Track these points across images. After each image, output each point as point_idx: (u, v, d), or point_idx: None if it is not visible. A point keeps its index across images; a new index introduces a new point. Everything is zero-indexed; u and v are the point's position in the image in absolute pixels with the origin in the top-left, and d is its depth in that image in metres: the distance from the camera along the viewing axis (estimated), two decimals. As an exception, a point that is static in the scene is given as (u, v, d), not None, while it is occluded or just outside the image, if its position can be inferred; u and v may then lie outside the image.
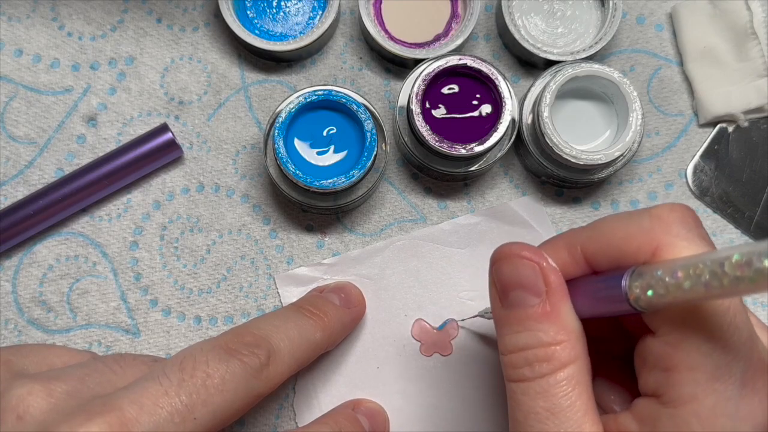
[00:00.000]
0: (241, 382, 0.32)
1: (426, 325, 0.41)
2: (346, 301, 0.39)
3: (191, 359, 0.32)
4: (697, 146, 0.43)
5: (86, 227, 0.41)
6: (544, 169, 0.40)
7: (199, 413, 0.31)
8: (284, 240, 0.42)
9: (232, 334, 0.34)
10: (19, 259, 0.41)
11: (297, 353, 0.35)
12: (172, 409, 0.30)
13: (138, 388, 0.30)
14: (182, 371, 0.31)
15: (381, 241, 0.41)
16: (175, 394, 0.30)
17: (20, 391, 0.30)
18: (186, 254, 0.41)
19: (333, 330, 0.38)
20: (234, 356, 0.32)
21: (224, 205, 0.42)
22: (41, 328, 0.40)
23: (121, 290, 0.41)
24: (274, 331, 0.34)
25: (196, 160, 0.42)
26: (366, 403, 0.39)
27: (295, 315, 0.36)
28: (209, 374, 0.31)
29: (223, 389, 0.31)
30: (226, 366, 0.32)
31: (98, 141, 0.42)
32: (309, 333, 0.36)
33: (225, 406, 0.31)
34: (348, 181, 0.38)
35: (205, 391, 0.31)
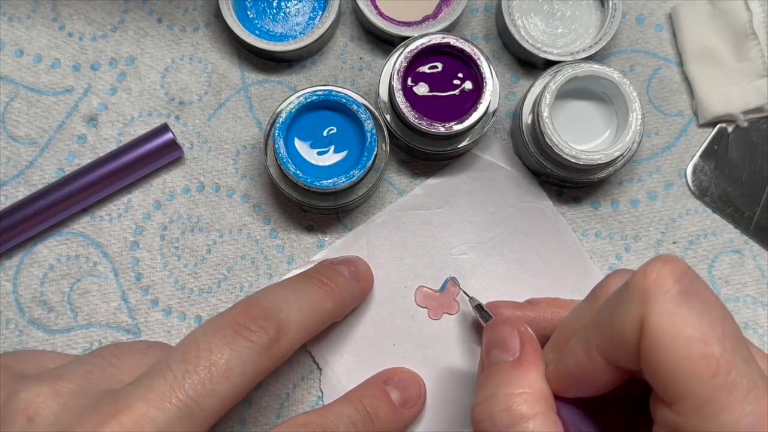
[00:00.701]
0: (249, 363, 0.32)
1: (427, 291, 0.41)
2: (355, 274, 0.39)
3: (194, 347, 0.31)
4: (697, 146, 0.43)
5: (87, 227, 0.41)
6: (544, 169, 0.40)
7: (206, 404, 0.30)
8: (284, 240, 0.42)
9: (241, 306, 0.33)
10: (20, 259, 0.41)
11: (307, 324, 0.35)
12: (180, 404, 0.30)
13: (145, 384, 0.30)
14: (186, 362, 0.31)
15: (361, 224, 0.41)
16: (180, 387, 0.30)
17: (28, 393, 0.30)
18: (186, 254, 0.41)
19: (343, 300, 0.38)
20: (241, 334, 0.32)
21: (225, 205, 0.42)
22: (42, 328, 0.40)
23: (122, 290, 0.41)
24: (284, 303, 0.34)
25: (197, 160, 0.42)
26: (399, 373, 0.40)
27: (305, 284, 0.36)
28: (213, 362, 0.31)
29: (229, 375, 0.31)
30: (230, 349, 0.31)
31: (99, 141, 0.42)
32: (319, 303, 0.36)
33: (232, 391, 0.31)
34: (348, 181, 0.38)
35: (210, 380, 0.31)
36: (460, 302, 0.41)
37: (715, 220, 0.42)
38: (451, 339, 0.41)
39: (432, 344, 0.41)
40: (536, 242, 0.41)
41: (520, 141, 0.41)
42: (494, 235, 0.42)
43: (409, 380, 0.40)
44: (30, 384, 0.31)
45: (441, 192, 0.42)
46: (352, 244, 0.41)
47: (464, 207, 0.42)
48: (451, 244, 0.42)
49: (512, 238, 0.41)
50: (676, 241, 0.42)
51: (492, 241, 0.41)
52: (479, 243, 0.41)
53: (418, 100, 0.39)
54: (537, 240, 0.41)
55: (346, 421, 0.36)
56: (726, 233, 0.42)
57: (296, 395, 0.40)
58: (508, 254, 0.41)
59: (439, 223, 0.42)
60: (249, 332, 0.32)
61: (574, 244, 0.41)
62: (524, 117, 0.40)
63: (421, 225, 0.42)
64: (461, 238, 0.42)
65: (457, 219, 0.42)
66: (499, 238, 0.41)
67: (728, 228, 0.42)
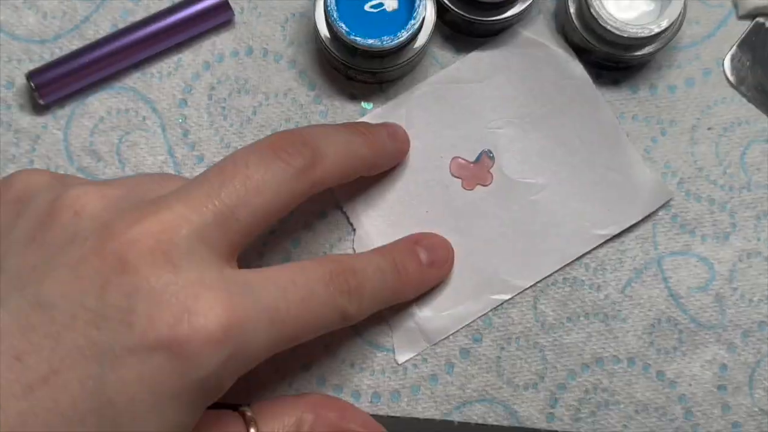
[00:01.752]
0: (283, 183, 0.33)
1: (462, 161, 0.42)
2: (392, 135, 0.40)
3: (232, 162, 0.33)
4: (736, 37, 0.44)
5: (137, 83, 0.42)
6: (587, 45, 0.41)
7: (241, 214, 0.32)
8: (328, 107, 0.43)
9: (280, 133, 0.35)
10: (72, 109, 0.42)
11: (343, 162, 0.36)
12: (216, 210, 0.31)
13: (184, 190, 0.32)
14: (222, 173, 0.32)
15: (400, 95, 0.42)
16: (216, 195, 0.31)
17: (76, 191, 0.32)
18: (233, 114, 0.42)
19: (379, 152, 0.39)
20: (278, 156, 0.33)
21: (271, 70, 0.43)
22: (90, 176, 0.42)
23: (169, 145, 0.42)
24: (323, 137, 0.35)
25: (246, 24, 0.43)
26: (430, 237, 0.41)
27: (344, 128, 0.38)
28: (249, 176, 0.32)
29: (263, 190, 0.32)
30: (266, 167, 0.33)
31: (153, 1, 0.43)
32: (356, 146, 0.37)
33: (266, 207, 0.32)
34: (395, 41, 0.39)
35: (245, 192, 0.32)
36: (494, 174, 0.42)
37: (750, 109, 0.43)
38: (482, 209, 0.42)
39: (463, 213, 0.42)
40: (574, 119, 0.42)
41: (565, 17, 0.42)
42: (532, 110, 0.42)
43: (438, 243, 0.41)
44: (77, 185, 0.32)
45: (481, 66, 0.43)
46: (391, 114, 0.42)
47: (504, 82, 0.43)
48: (488, 117, 0.42)
49: (550, 115, 0.42)
50: (711, 127, 0.43)
51: (530, 117, 0.42)
52: (517, 118, 0.42)
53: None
54: (575, 117, 0.42)
55: (375, 267, 0.37)
56: (760, 123, 0.43)
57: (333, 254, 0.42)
58: (545, 130, 0.42)
59: (478, 97, 0.43)
60: (287, 155, 0.33)
61: (611, 122, 0.42)
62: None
63: (459, 98, 0.43)
64: (499, 112, 0.42)
65: (496, 94, 0.43)
66: (537, 114, 0.42)
67: (762, 118, 0.43)
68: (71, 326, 0.29)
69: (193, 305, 0.29)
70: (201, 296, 0.30)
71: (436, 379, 0.41)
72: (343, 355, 0.41)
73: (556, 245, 0.41)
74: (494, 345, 0.41)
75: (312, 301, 0.33)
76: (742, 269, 0.42)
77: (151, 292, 0.29)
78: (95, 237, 0.30)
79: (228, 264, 0.32)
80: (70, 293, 0.29)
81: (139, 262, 0.29)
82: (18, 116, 0.42)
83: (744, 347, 0.41)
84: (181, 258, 0.30)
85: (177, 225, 0.30)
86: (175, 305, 0.29)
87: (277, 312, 0.32)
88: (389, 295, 0.38)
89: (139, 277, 0.29)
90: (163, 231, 0.30)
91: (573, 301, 0.42)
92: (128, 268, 0.29)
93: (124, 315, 0.29)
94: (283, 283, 0.32)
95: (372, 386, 0.41)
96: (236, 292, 0.31)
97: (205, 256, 0.31)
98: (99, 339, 0.29)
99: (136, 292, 0.29)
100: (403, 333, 0.41)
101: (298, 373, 0.41)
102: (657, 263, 0.42)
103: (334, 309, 0.34)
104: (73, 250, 0.30)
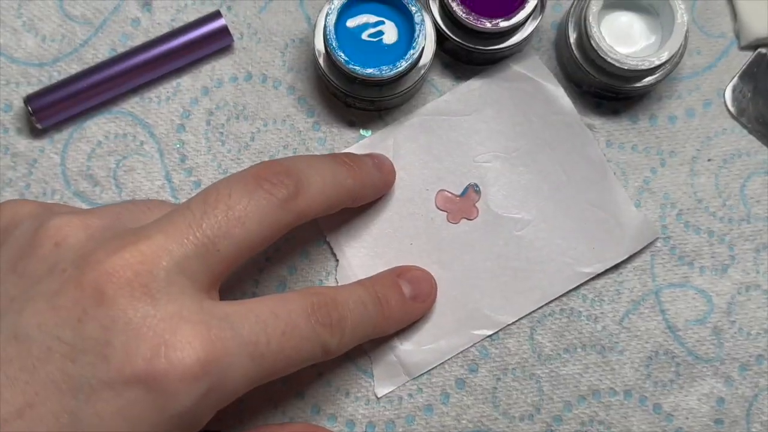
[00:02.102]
0: (266, 214, 0.33)
1: (448, 194, 0.42)
2: (378, 166, 0.40)
3: (215, 192, 0.33)
4: (737, 68, 0.43)
5: (136, 107, 0.42)
6: (587, 76, 0.41)
7: (222, 245, 0.32)
8: (326, 133, 0.43)
9: (264, 163, 0.34)
10: (70, 133, 0.42)
11: (328, 192, 0.35)
12: (197, 241, 0.31)
13: (165, 220, 0.32)
14: (205, 203, 0.32)
15: (387, 126, 0.42)
16: (198, 226, 0.31)
17: (58, 221, 0.32)
18: (231, 140, 0.42)
19: (364, 182, 0.38)
20: (260, 186, 0.33)
21: (270, 96, 0.43)
22: (87, 201, 0.42)
23: (166, 170, 0.42)
24: (307, 167, 0.35)
25: (246, 50, 0.43)
26: (412, 270, 0.40)
27: (330, 159, 0.37)
28: (231, 206, 0.32)
29: (245, 221, 0.32)
30: (249, 198, 0.32)
31: (152, 25, 0.43)
32: (341, 176, 0.37)
33: (248, 238, 0.32)
34: (394, 70, 0.39)
35: (226, 223, 0.32)
36: (480, 208, 0.42)
37: (751, 141, 0.43)
38: (467, 243, 0.41)
39: (448, 247, 0.41)
40: (561, 155, 0.42)
41: (565, 48, 0.41)
42: (519, 145, 0.42)
43: (421, 277, 0.40)
44: (61, 214, 0.32)
45: (470, 99, 0.43)
46: (379, 144, 0.42)
47: (492, 116, 0.42)
48: (475, 151, 0.42)
49: (537, 150, 0.42)
50: (710, 158, 0.43)
51: (517, 152, 0.42)
52: (504, 152, 0.42)
53: (468, -5, 0.40)
54: (562, 153, 0.42)
55: (357, 300, 0.36)
56: (760, 154, 0.43)
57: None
58: (533, 165, 0.42)
59: (466, 130, 0.42)
60: (270, 185, 0.33)
61: (599, 159, 0.42)
62: (570, 24, 0.41)
63: (447, 130, 0.42)
64: (486, 146, 0.42)
65: (484, 127, 0.42)
66: (524, 149, 0.42)
67: (763, 150, 0.43)
68: (47, 359, 0.29)
69: (170, 338, 0.29)
70: (179, 329, 0.29)
71: (432, 409, 0.41)
72: (337, 384, 0.41)
73: (540, 282, 0.41)
74: (490, 375, 0.41)
75: (293, 334, 0.33)
76: (741, 302, 0.42)
77: (128, 325, 0.29)
78: (74, 267, 0.30)
79: (208, 295, 0.32)
80: (47, 325, 0.29)
81: (116, 293, 0.29)
82: (15, 140, 0.42)
83: (741, 381, 0.41)
84: (159, 290, 0.30)
85: (156, 256, 0.30)
86: (153, 338, 0.29)
87: (256, 346, 0.31)
88: (371, 328, 0.37)
89: (116, 310, 0.29)
90: (142, 262, 0.30)
91: (570, 332, 0.41)
92: (106, 299, 0.29)
93: (101, 348, 0.29)
94: (264, 316, 0.32)
95: (367, 416, 0.41)
96: (215, 325, 0.30)
97: (185, 287, 0.31)
98: (75, 372, 0.29)
99: (113, 324, 0.29)
100: (384, 366, 0.41)
101: (292, 401, 0.41)
102: (655, 295, 0.42)
103: (315, 342, 0.34)
104: (51, 280, 0.30)
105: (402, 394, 0.41)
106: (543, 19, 0.41)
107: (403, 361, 0.41)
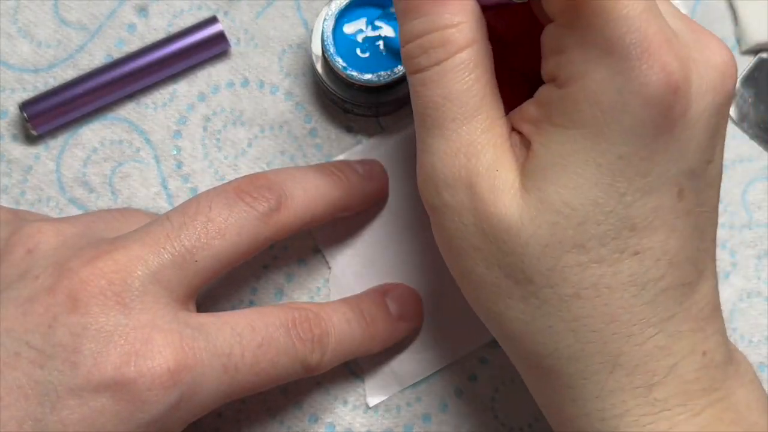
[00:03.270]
0: (246, 226, 0.32)
1: None
2: (368, 173, 0.39)
3: (195, 204, 0.32)
4: (738, 73, 0.43)
5: (132, 113, 0.42)
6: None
7: (200, 256, 0.31)
8: (324, 139, 0.42)
9: (246, 177, 0.34)
10: (65, 139, 0.42)
11: (312, 205, 0.35)
12: (175, 251, 0.31)
13: (143, 230, 0.32)
14: (184, 215, 0.32)
15: (376, 136, 0.42)
16: (176, 236, 0.31)
17: (30, 229, 0.32)
18: (228, 146, 0.42)
19: (352, 194, 0.38)
20: (241, 199, 0.33)
21: (267, 102, 0.42)
22: (82, 208, 0.41)
23: (162, 177, 0.42)
24: (290, 180, 0.35)
25: (243, 55, 0.43)
26: (399, 288, 0.40)
27: (315, 171, 0.37)
28: (211, 218, 0.32)
29: (225, 234, 0.32)
30: (229, 211, 0.32)
31: (148, 31, 0.42)
32: (326, 188, 0.36)
33: (227, 250, 0.32)
34: (391, 76, 0.38)
35: (206, 235, 0.31)
36: None
37: (752, 146, 0.43)
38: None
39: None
40: None
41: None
42: None
43: (408, 295, 0.40)
44: (32, 222, 0.32)
45: None
46: (371, 152, 0.42)
47: None
48: None
49: None
50: (711, 164, 0.42)
51: None
52: None
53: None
54: None
55: (341, 317, 0.36)
56: (762, 160, 0.42)
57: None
58: None
59: None
60: (251, 199, 0.33)
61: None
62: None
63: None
64: None
65: None
66: None
67: (764, 156, 0.43)
68: (14, 364, 0.28)
69: (141, 348, 0.29)
70: (151, 339, 0.29)
71: (430, 418, 0.40)
72: (335, 392, 0.40)
73: None
74: (489, 385, 0.41)
75: (270, 347, 0.32)
76: (742, 309, 0.41)
77: (99, 333, 0.29)
78: (47, 275, 0.30)
79: (184, 306, 0.31)
80: (16, 330, 0.29)
81: (90, 301, 0.29)
82: (10, 146, 0.41)
83: (744, 389, 0.41)
84: (133, 299, 0.30)
85: (132, 265, 0.30)
86: (123, 346, 0.29)
87: (230, 357, 0.31)
88: (356, 347, 0.36)
89: (88, 317, 0.29)
90: (116, 271, 0.30)
91: (570, 340, 0.41)
92: (78, 307, 0.29)
93: (69, 354, 0.28)
94: (240, 328, 0.32)
95: (365, 424, 0.40)
96: (188, 335, 0.30)
97: (160, 297, 0.30)
98: (42, 378, 0.28)
99: (84, 331, 0.29)
100: (376, 375, 0.40)
101: (289, 409, 0.40)
102: (656, 302, 0.41)
103: (294, 358, 0.33)
104: (22, 286, 0.30)
105: (400, 403, 0.40)
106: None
107: (395, 369, 0.40)
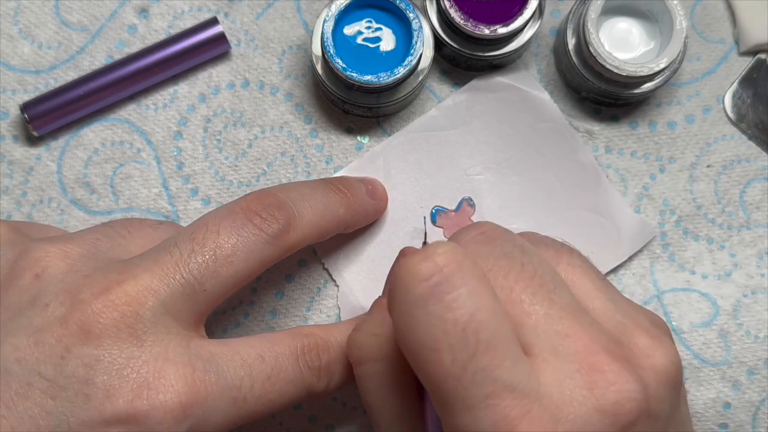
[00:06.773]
0: (254, 251, 0.32)
1: (443, 210, 0.42)
2: (371, 192, 0.40)
3: (204, 228, 0.32)
4: (737, 74, 0.43)
5: (133, 114, 0.42)
6: (585, 83, 0.41)
7: (208, 285, 0.31)
8: (324, 140, 0.42)
9: (256, 194, 0.34)
10: (66, 141, 0.42)
11: (319, 223, 0.35)
12: (184, 281, 0.31)
13: (152, 257, 0.31)
14: (193, 241, 0.32)
15: (377, 145, 0.42)
16: (185, 265, 0.31)
17: (37, 252, 0.31)
18: (228, 147, 0.42)
19: (357, 211, 0.38)
20: (251, 221, 0.32)
21: (268, 102, 0.42)
22: (83, 209, 0.41)
23: (164, 177, 0.42)
24: (299, 198, 0.35)
25: (243, 57, 0.43)
26: None
27: (322, 187, 0.37)
28: (219, 245, 0.32)
29: (233, 260, 0.32)
30: (238, 235, 0.32)
31: (149, 32, 0.43)
32: (334, 206, 0.36)
33: (236, 276, 0.32)
34: (392, 77, 0.39)
35: (214, 263, 0.31)
36: (475, 221, 0.41)
37: (750, 147, 0.43)
38: None
39: None
40: (552, 162, 0.42)
41: (563, 54, 0.41)
42: (510, 155, 0.42)
43: None
44: (39, 244, 0.32)
45: (457, 113, 0.42)
46: (368, 165, 0.42)
47: (480, 128, 0.42)
48: (466, 164, 0.42)
49: (528, 159, 0.42)
50: (710, 164, 0.43)
51: (507, 162, 0.42)
52: (495, 163, 0.42)
53: (465, 2, 0.39)
54: (553, 159, 0.42)
55: None
56: (760, 160, 0.43)
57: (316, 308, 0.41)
58: (524, 174, 0.42)
59: (455, 144, 0.42)
60: (260, 220, 0.33)
61: (591, 164, 0.42)
62: (569, 30, 0.41)
63: (436, 146, 0.42)
64: (477, 158, 0.42)
65: (472, 140, 0.42)
66: (514, 159, 0.42)
67: (762, 156, 0.43)
68: (26, 394, 0.28)
69: (154, 381, 0.29)
70: (163, 372, 0.29)
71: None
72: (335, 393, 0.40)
73: None
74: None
75: (279, 378, 0.32)
76: (747, 305, 0.41)
77: (111, 365, 0.29)
78: (58, 304, 0.30)
79: (195, 332, 0.32)
80: (28, 360, 0.29)
81: (102, 333, 0.29)
82: (12, 147, 0.42)
83: (749, 385, 0.41)
84: (146, 331, 0.30)
85: (143, 297, 0.30)
86: (136, 379, 0.29)
87: (240, 390, 0.31)
88: None
89: (101, 349, 0.29)
90: (128, 303, 0.30)
91: (570, 340, 0.41)
92: (91, 338, 0.29)
93: (82, 386, 0.29)
94: (250, 359, 0.32)
95: (365, 425, 0.40)
96: (200, 368, 0.30)
97: (171, 327, 0.30)
98: (54, 409, 0.28)
99: (96, 363, 0.29)
100: None
101: (289, 411, 0.40)
102: (657, 298, 0.42)
103: (301, 386, 0.33)
104: (33, 314, 0.30)
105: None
106: (542, 26, 0.41)
107: None
